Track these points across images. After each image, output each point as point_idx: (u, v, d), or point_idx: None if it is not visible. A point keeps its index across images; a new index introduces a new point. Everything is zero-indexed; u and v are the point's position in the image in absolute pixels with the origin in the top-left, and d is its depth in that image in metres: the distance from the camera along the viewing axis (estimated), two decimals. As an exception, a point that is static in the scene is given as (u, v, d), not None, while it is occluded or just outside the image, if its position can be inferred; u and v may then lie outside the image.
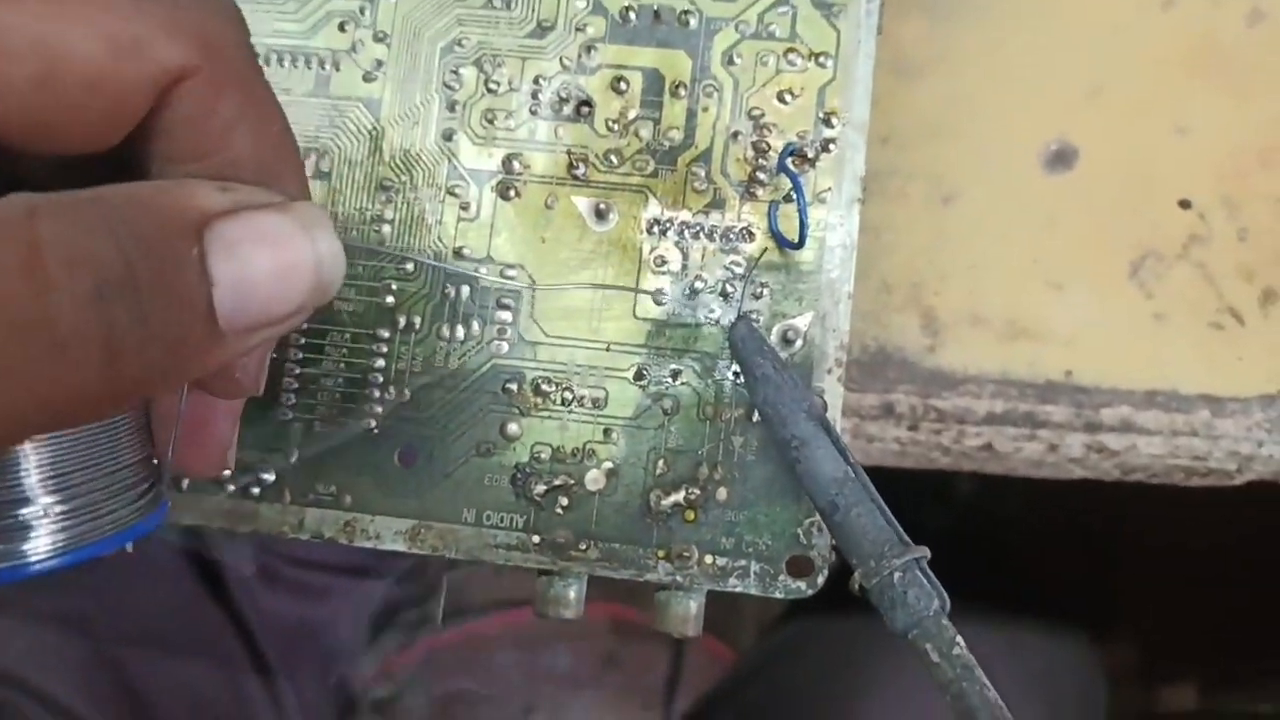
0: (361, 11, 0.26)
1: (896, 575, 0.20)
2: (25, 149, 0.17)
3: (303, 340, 0.25)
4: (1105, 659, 0.51)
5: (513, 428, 0.25)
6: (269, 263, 0.16)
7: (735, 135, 0.25)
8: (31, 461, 0.17)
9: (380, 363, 0.25)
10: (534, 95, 0.25)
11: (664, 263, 0.25)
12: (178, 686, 0.47)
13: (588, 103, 0.25)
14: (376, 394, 0.25)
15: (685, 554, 0.24)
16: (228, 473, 0.25)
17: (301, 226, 0.17)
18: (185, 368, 0.16)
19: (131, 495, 0.18)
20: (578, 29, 0.26)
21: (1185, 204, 0.32)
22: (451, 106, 0.26)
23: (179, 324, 0.15)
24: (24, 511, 0.17)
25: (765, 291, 0.25)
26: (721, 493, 0.24)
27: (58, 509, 0.17)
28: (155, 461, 0.19)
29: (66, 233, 0.14)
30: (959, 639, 0.20)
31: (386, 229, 0.25)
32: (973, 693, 0.20)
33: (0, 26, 0.16)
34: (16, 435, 0.16)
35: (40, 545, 0.17)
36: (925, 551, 0.21)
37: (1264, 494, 0.32)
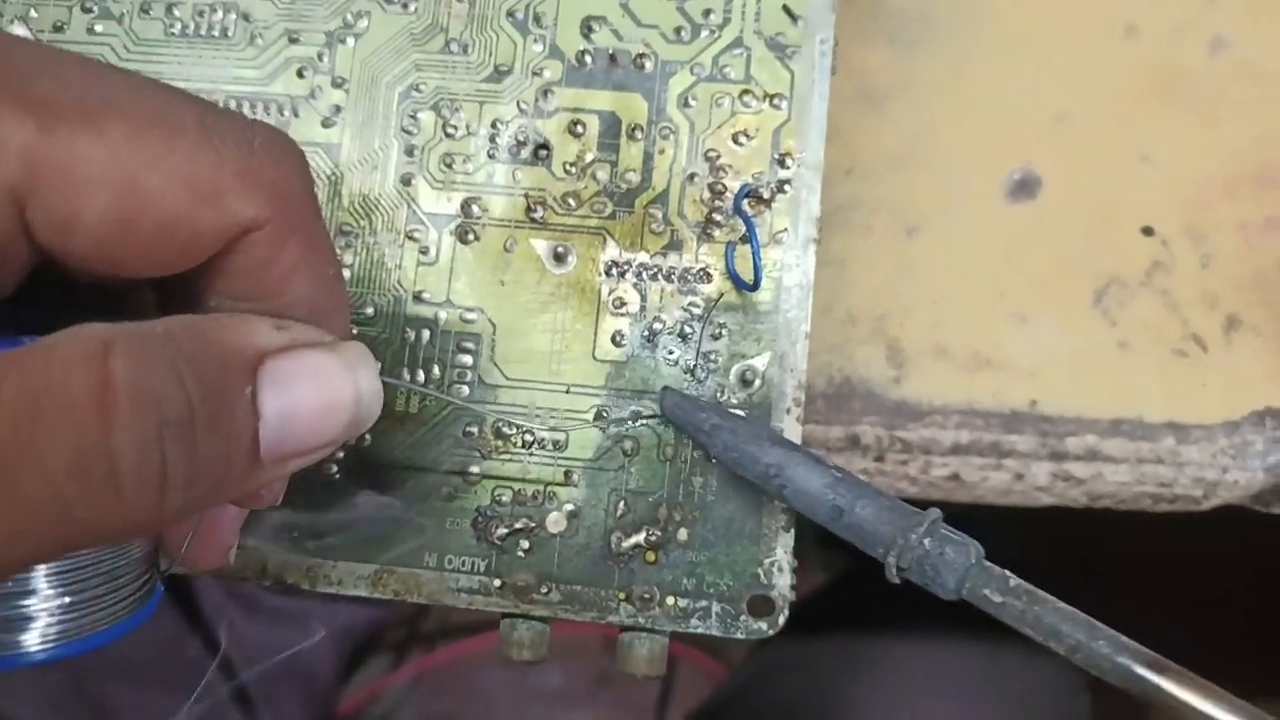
0: (320, 58, 0.26)
1: (927, 542, 0.20)
2: (91, 272, 0.17)
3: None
4: (1091, 679, 0.51)
5: (474, 470, 0.25)
6: (314, 399, 0.17)
7: (692, 177, 0.25)
8: None
9: (342, 407, 0.25)
10: (492, 139, 0.26)
11: (623, 304, 0.25)
12: (156, 718, 0.46)
13: (545, 146, 0.26)
14: (338, 438, 0.25)
15: (647, 596, 0.24)
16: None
17: (347, 365, 0.18)
18: (223, 495, 0.17)
19: (131, 589, 0.18)
20: (534, 73, 0.26)
21: (1148, 231, 0.32)
22: (410, 151, 0.26)
23: (226, 458, 0.16)
24: (28, 603, 0.17)
25: (724, 332, 0.25)
26: (682, 533, 0.24)
27: (62, 602, 0.17)
28: (152, 553, 0.19)
29: (137, 370, 0.15)
30: (1007, 571, 0.20)
31: (346, 274, 0.25)
32: (1046, 612, 0.19)
33: (82, 159, 0.16)
34: (58, 554, 0.16)
35: (39, 636, 0.17)
36: (937, 511, 0.21)
37: (1233, 519, 0.32)
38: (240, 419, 0.16)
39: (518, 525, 0.25)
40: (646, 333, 0.25)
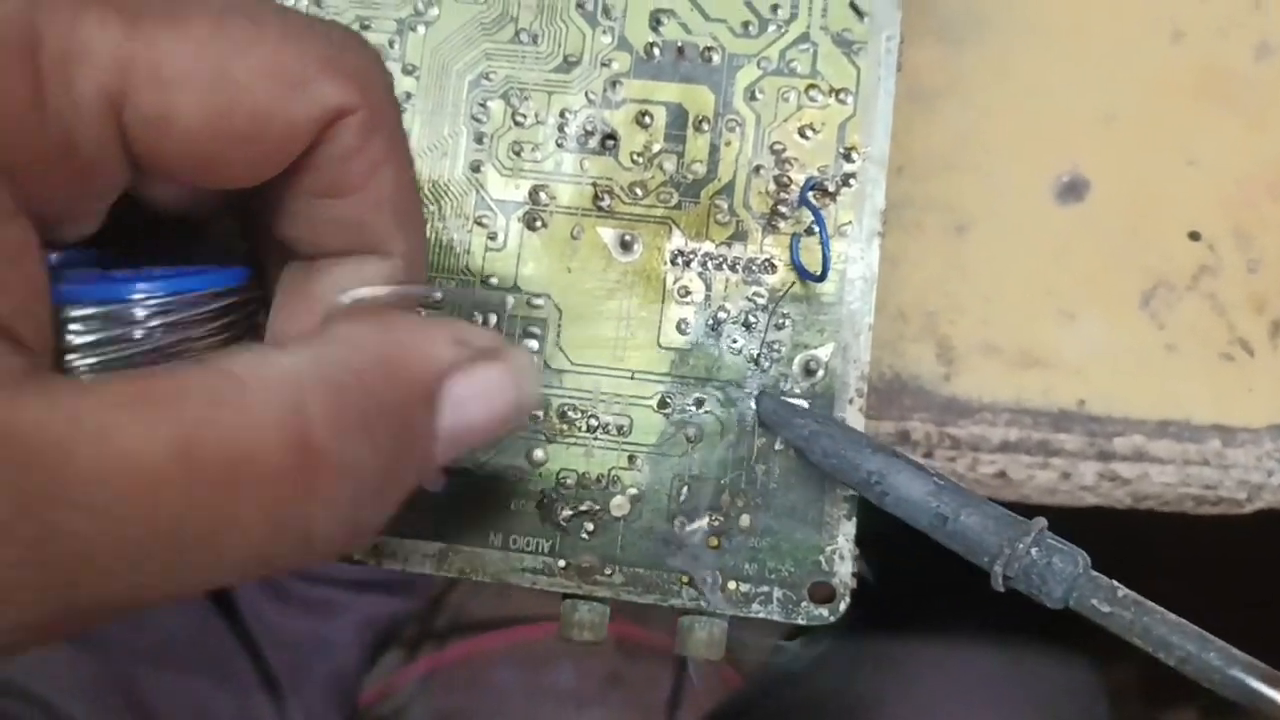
0: (391, 45, 0.26)
1: (1034, 552, 0.20)
2: (184, 180, 0.17)
3: (331, 366, 0.26)
4: (1108, 681, 0.51)
5: (539, 454, 0.25)
6: (485, 416, 0.17)
7: (757, 169, 0.26)
8: None
9: (407, 389, 0.25)
10: (560, 128, 0.26)
11: (687, 293, 0.25)
12: (186, 704, 0.47)
13: (613, 136, 0.26)
14: (403, 420, 0.25)
15: (709, 580, 0.25)
16: None
17: (515, 381, 0.17)
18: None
19: None
20: (603, 64, 0.26)
21: (1195, 235, 0.32)
22: (479, 139, 0.26)
23: (403, 487, 0.16)
24: None
25: (787, 322, 0.25)
26: (744, 519, 0.25)
27: None
28: None
29: (336, 436, 0.14)
30: (1115, 581, 0.20)
31: (414, 258, 0.26)
32: (1155, 623, 0.19)
33: (171, 54, 0.16)
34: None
35: None
36: (1043, 521, 0.20)
37: (1271, 522, 0.32)
38: (425, 449, 0.16)
39: (582, 508, 0.25)
40: (711, 321, 0.25)
